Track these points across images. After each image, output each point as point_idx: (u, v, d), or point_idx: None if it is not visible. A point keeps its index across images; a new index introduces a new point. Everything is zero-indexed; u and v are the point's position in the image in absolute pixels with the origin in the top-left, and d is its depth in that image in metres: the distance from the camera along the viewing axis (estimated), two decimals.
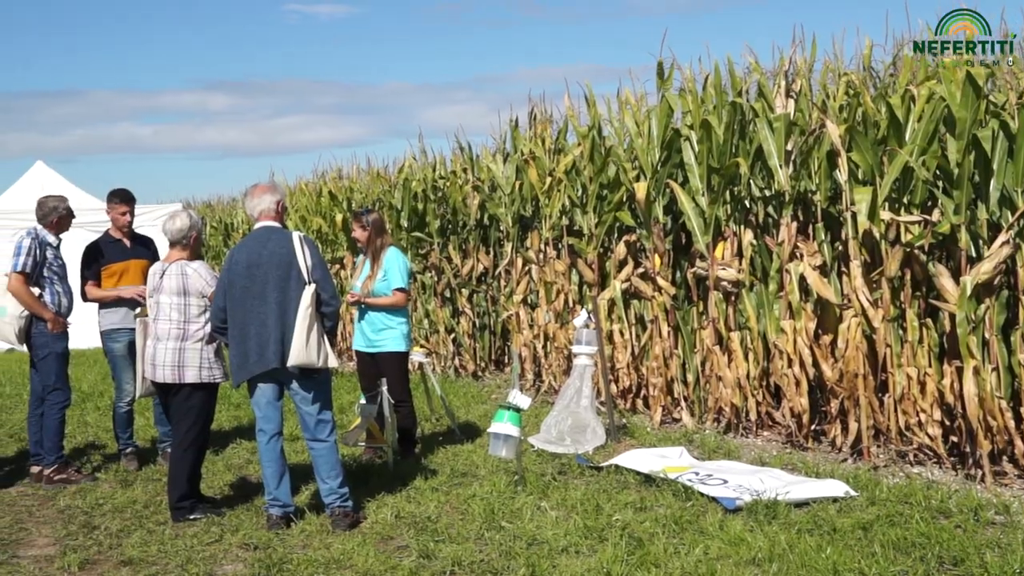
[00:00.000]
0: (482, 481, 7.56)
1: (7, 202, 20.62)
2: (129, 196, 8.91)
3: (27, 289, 7.99)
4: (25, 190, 20.84)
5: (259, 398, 6.75)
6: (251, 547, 6.28)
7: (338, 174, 17.68)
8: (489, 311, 13.64)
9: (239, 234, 21.51)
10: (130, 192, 8.95)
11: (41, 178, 20.97)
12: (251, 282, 6.56)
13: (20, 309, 8.01)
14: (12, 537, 6.78)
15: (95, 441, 9.91)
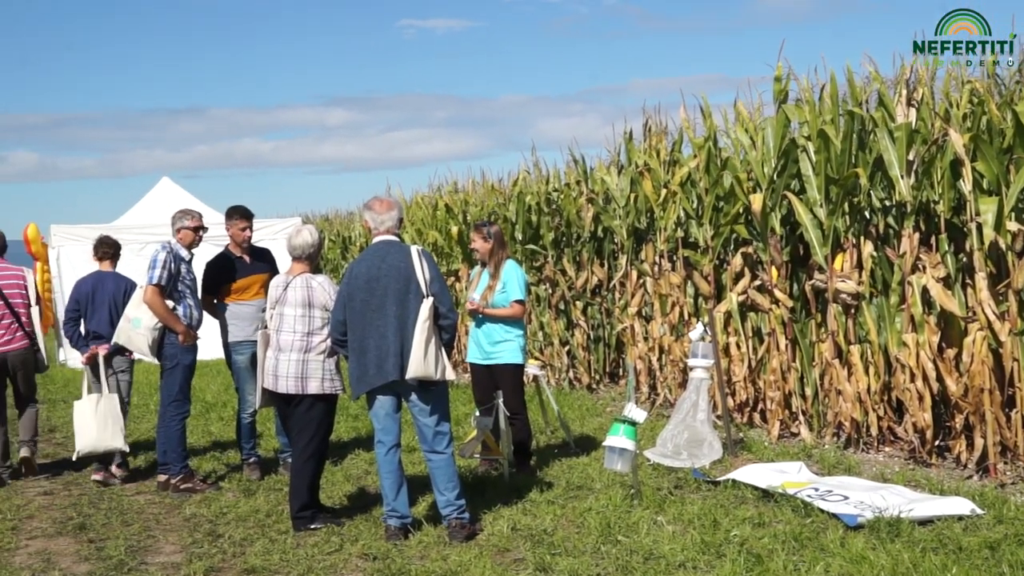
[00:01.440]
0: (598, 494, 7.55)
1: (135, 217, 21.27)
2: (248, 212, 9.11)
3: (162, 301, 8.23)
4: (152, 205, 21.49)
5: (378, 410, 6.84)
6: (370, 557, 6.37)
7: (454, 187, 17.83)
8: (603, 323, 13.60)
9: (356, 247, 21.84)
10: (247, 209, 9.15)
11: (167, 194, 21.58)
12: (370, 295, 6.66)
13: (154, 321, 8.25)
14: (141, 544, 6.98)
15: (219, 451, 10.13)
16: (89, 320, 9.31)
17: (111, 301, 9.24)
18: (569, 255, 13.92)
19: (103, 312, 9.22)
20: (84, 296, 9.38)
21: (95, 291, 9.35)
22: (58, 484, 9.12)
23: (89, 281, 9.50)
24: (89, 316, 9.32)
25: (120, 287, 9.35)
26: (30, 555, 6.83)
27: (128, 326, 8.33)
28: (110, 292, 9.28)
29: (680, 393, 10.51)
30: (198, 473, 8.89)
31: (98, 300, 9.29)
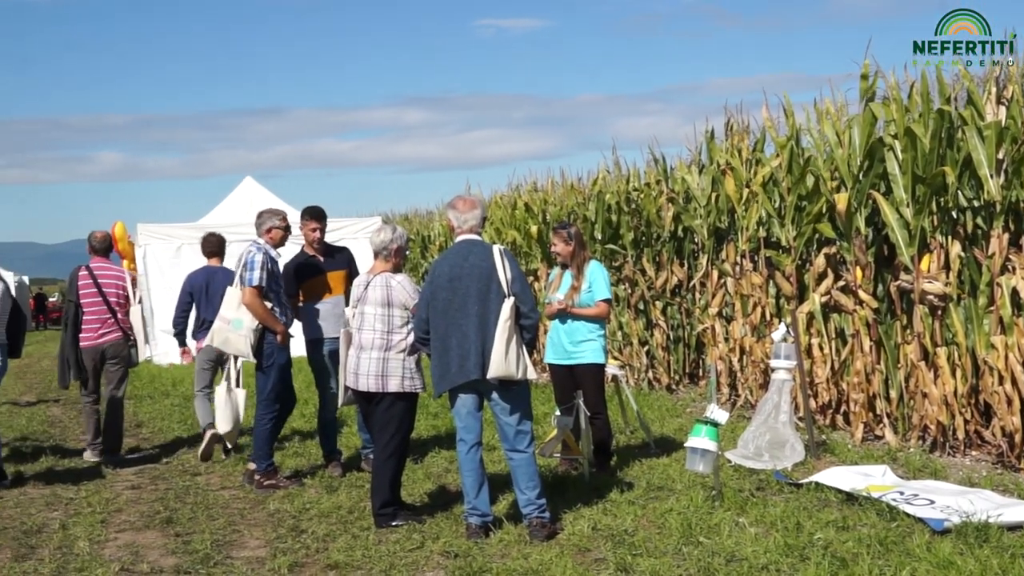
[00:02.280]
0: (679, 495, 7.51)
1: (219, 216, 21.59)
2: (317, 213, 9.18)
3: (262, 303, 8.33)
4: (235, 205, 21.82)
5: (460, 408, 6.87)
6: (451, 555, 6.39)
7: (533, 187, 17.85)
8: (683, 324, 13.53)
9: (436, 246, 21.95)
10: (320, 209, 9.23)
11: (250, 193, 21.90)
12: (453, 294, 6.69)
13: (255, 323, 8.35)
14: (226, 538, 7.08)
15: (301, 448, 10.24)
16: (204, 311, 10.20)
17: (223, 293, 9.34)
18: (649, 255, 13.87)
19: (216, 303, 9.52)
20: (198, 289, 10.31)
21: (208, 284, 10.22)
22: (145, 479, 9.29)
23: (201, 275, 10.43)
24: (203, 307, 10.21)
25: (230, 279, 9.46)
26: (119, 548, 6.96)
27: (227, 328, 8.41)
28: (221, 284, 9.68)
29: (761, 394, 10.41)
30: (282, 470, 8.99)
31: (211, 292, 10.07)
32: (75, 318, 10.12)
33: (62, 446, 11.21)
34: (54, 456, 10.43)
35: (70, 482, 9.10)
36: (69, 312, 10.23)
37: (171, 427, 12.22)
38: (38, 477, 9.32)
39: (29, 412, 14.63)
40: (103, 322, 10.08)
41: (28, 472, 9.56)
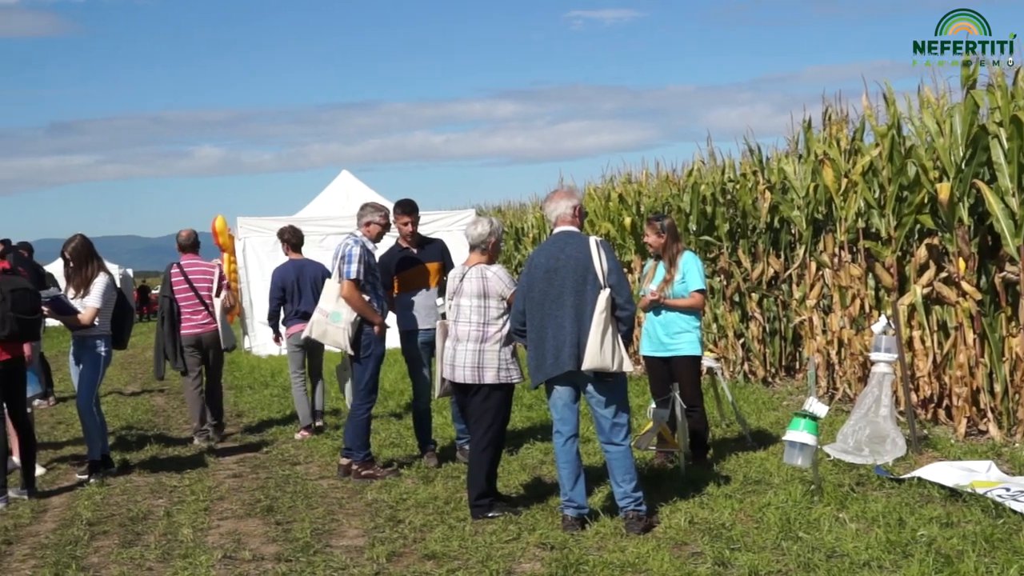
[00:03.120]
0: (776, 489, 7.43)
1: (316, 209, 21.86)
2: (410, 206, 9.24)
3: (360, 296, 8.44)
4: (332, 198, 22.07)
5: (556, 400, 6.87)
6: (548, 547, 6.40)
7: (627, 178, 17.77)
8: (779, 316, 13.37)
9: (529, 239, 21.99)
10: (412, 202, 9.29)
11: (346, 186, 22.12)
12: (549, 286, 6.69)
13: (353, 315, 8.46)
14: (325, 527, 7.18)
15: (397, 439, 10.34)
16: (296, 302, 10.86)
17: (312, 284, 10.72)
18: (744, 246, 13.73)
19: (308, 293, 10.73)
20: (289, 281, 10.93)
21: (299, 276, 10.91)
22: (246, 467, 9.47)
23: (291, 267, 11.06)
24: (295, 298, 10.87)
25: (318, 271, 10.90)
26: (222, 535, 7.11)
27: (325, 320, 8.54)
28: (310, 276, 10.85)
29: (860, 388, 10.25)
30: (378, 460, 9.09)
31: (302, 283, 10.87)
32: (170, 312, 10.81)
33: (166, 435, 11.47)
34: (158, 444, 10.69)
35: (174, 470, 9.32)
36: (164, 307, 10.91)
37: (270, 417, 12.41)
38: (143, 465, 9.56)
39: (134, 401, 14.99)
40: (197, 314, 10.84)
41: (133, 460, 9.82)
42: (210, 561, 6.40)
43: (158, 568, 6.39)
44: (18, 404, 8.50)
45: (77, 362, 9.15)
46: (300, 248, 11.34)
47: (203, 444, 10.68)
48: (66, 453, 10.48)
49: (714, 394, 10.40)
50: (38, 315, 8.40)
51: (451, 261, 9.20)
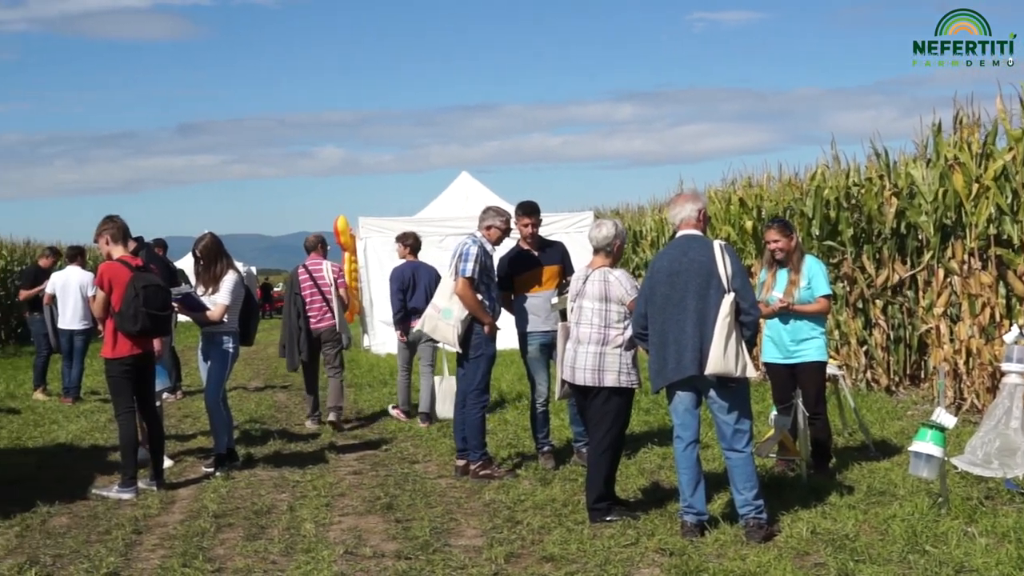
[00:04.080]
0: (902, 501, 7.26)
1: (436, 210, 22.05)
2: (531, 208, 9.26)
3: (473, 294, 8.51)
4: (451, 199, 22.22)
5: (677, 405, 6.82)
6: (667, 552, 6.36)
7: (748, 182, 17.56)
8: (904, 324, 13.07)
9: (647, 241, 21.89)
10: (533, 204, 9.31)
11: (465, 188, 22.26)
12: (671, 289, 6.65)
13: (464, 313, 8.54)
14: (444, 527, 7.24)
15: (514, 440, 10.37)
16: (410, 300, 11.63)
17: (426, 284, 11.48)
18: (869, 252, 13.45)
19: (420, 293, 11.49)
20: (407, 281, 11.76)
21: (415, 276, 11.73)
22: (366, 465, 9.60)
23: (408, 268, 11.88)
24: (410, 297, 11.67)
25: (432, 273, 11.64)
26: (343, 531, 7.21)
27: (437, 315, 8.65)
28: (425, 277, 11.68)
29: (989, 399, 9.97)
30: (496, 460, 9.13)
31: (416, 284, 11.69)
32: (300, 309, 11.74)
33: (288, 431, 11.68)
34: (281, 440, 10.90)
35: (296, 465, 9.49)
36: (294, 304, 11.84)
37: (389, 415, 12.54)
38: (267, 460, 9.75)
39: (257, 397, 15.31)
40: (319, 310, 11.80)
41: (257, 455, 10.03)
42: (332, 556, 6.49)
43: (281, 562, 6.50)
44: (148, 397, 8.75)
45: (205, 358, 9.38)
46: (418, 252, 12.15)
47: (314, 427, 11.78)
48: (193, 446, 10.74)
49: (836, 402, 10.20)
50: (169, 311, 8.63)
51: (571, 265, 9.20)
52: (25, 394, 15.33)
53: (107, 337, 8.46)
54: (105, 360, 8.55)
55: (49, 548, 6.90)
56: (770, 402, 8.84)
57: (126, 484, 8.39)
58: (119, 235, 8.59)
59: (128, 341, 8.36)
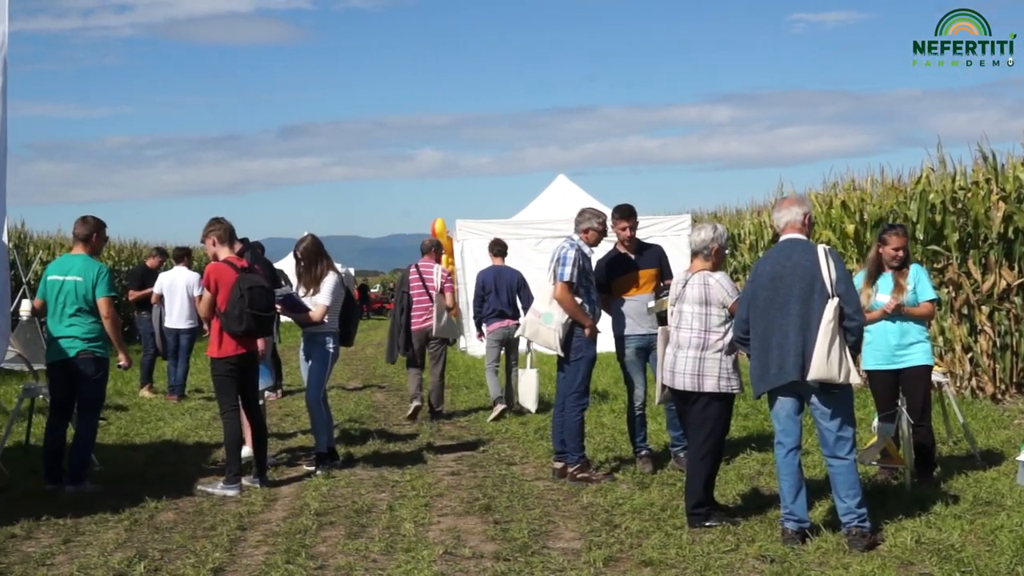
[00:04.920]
0: (1009, 512, 7.10)
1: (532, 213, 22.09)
2: (625, 211, 9.24)
3: (572, 298, 8.53)
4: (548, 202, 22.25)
5: (778, 411, 6.76)
6: (767, 559, 6.30)
7: (851, 184, 17.28)
8: (1011, 330, 12.77)
9: (745, 245, 21.66)
10: (630, 207, 9.29)
11: (563, 190, 22.28)
12: (774, 294, 6.59)
13: (564, 317, 8.56)
14: (542, 529, 7.26)
15: (611, 443, 10.35)
16: (492, 302, 12.68)
17: (508, 287, 12.64)
18: (975, 257, 13.17)
19: (503, 295, 12.63)
20: (488, 284, 12.74)
21: (496, 279, 12.70)
22: (464, 465, 9.67)
23: (490, 272, 12.91)
24: (491, 299, 12.67)
25: (514, 277, 12.77)
26: (442, 531, 7.27)
27: (537, 320, 8.68)
28: (507, 280, 12.71)
29: None
30: (593, 463, 9.13)
31: (499, 286, 12.65)
32: (407, 307, 12.50)
33: (387, 430, 11.82)
34: (380, 440, 11.02)
35: (395, 465, 9.59)
36: (403, 301, 12.57)
37: (485, 416, 12.62)
38: (366, 459, 9.87)
39: (356, 396, 15.51)
40: (426, 310, 12.50)
41: (357, 454, 10.16)
42: (432, 556, 6.55)
43: (382, 560, 6.57)
44: (252, 396, 8.91)
45: (307, 358, 9.53)
46: (504, 256, 13.19)
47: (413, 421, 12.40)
48: (294, 445, 10.92)
49: (940, 410, 10.01)
50: (273, 312, 8.79)
51: (669, 268, 9.17)
52: (132, 391, 15.70)
53: (213, 337, 8.65)
54: (211, 359, 8.75)
55: (157, 543, 7.06)
56: (872, 408, 8.71)
57: (230, 481, 8.56)
58: (226, 236, 8.78)
59: (233, 341, 8.54)
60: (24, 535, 7.24)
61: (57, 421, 8.74)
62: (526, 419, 12.14)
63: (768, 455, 9.03)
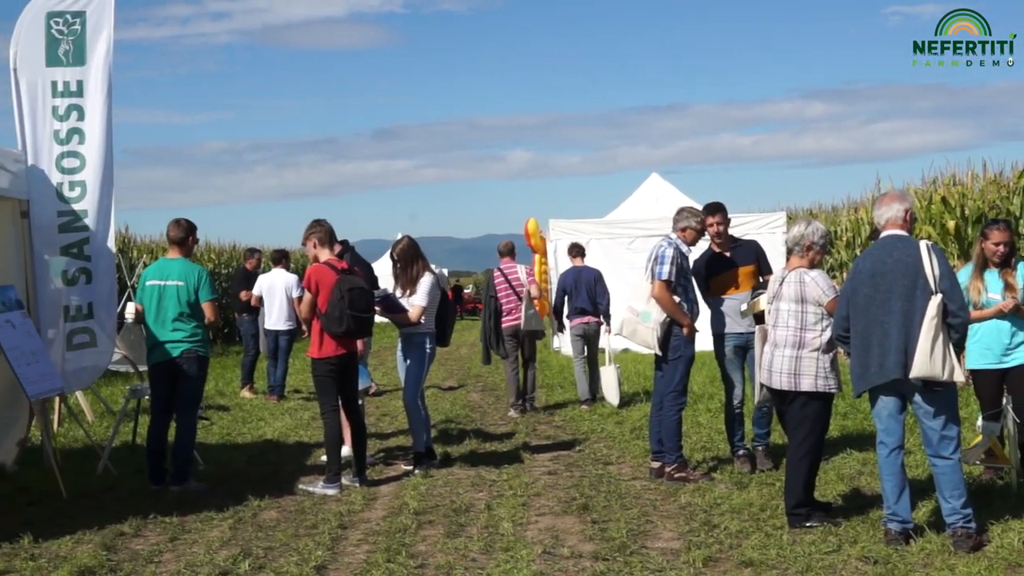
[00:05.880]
0: None
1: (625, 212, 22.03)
2: (714, 207, 9.20)
3: (671, 296, 8.50)
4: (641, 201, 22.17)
5: (880, 410, 6.66)
6: (870, 560, 6.21)
7: (951, 179, 16.96)
8: None
9: (842, 242, 21.36)
10: (716, 203, 9.25)
11: (655, 189, 22.18)
12: (875, 291, 6.50)
13: (663, 316, 8.53)
14: (640, 529, 7.24)
15: (708, 443, 10.29)
16: (575, 300, 13.49)
17: (587, 286, 13.42)
18: None
19: (583, 294, 13.42)
20: (569, 284, 13.65)
21: (576, 279, 13.58)
22: (560, 465, 9.69)
23: (571, 274, 13.82)
24: (573, 298, 13.52)
25: (591, 275, 13.59)
26: (540, 531, 7.29)
27: (635, 319, 8.66)
28: (585, 280, 13.50)
29: None
30: (691, 463, 9.08)
31: (579, 285, 13.48)
32: (495, 309, 13.01)
33: (483, 430, 11.89)
34: (477, 439, 11.10)
35: (492, 465, 9.65)
36: (491, 305, 13.08)
37: (581, 416, 12.63)
38: (463, 459, 9.94)
39: (451, 396, 15.62)
40: (513, 309, 13.02)
41: (454, 453, 10.24)
42: (530, 556, 6.57)
43: (481, 560, 6.61)
44: (351, 396, 9.03)
45: (404, 358, 9.62)
46: (582, 257, 14.13)
47: (517, 416, 12.91)
48: (391, 444, 11.04)
49: None
50: (372, 313, 8.90)
51: (767, 264, 9.11)
52: (233, 392, 16.01)
53: (314, 338, 8.78)
54: (312, 360, 8.88)
55: (260, 540, 7.20)
56: (975, 407, 8.53)
57: (331, 480, 8.68)
58: (326, 238, 8.92)
59: (333, 341, 8.65)
60: (132, 533, 7.43)
61: (159, 422, 8.94)
62: (622, 418, 12.13)
63: (868, 455, 8.91)
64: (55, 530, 7.36)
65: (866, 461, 8.88)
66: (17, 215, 9.17)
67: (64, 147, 9.43)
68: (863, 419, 10.75)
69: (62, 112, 9.43)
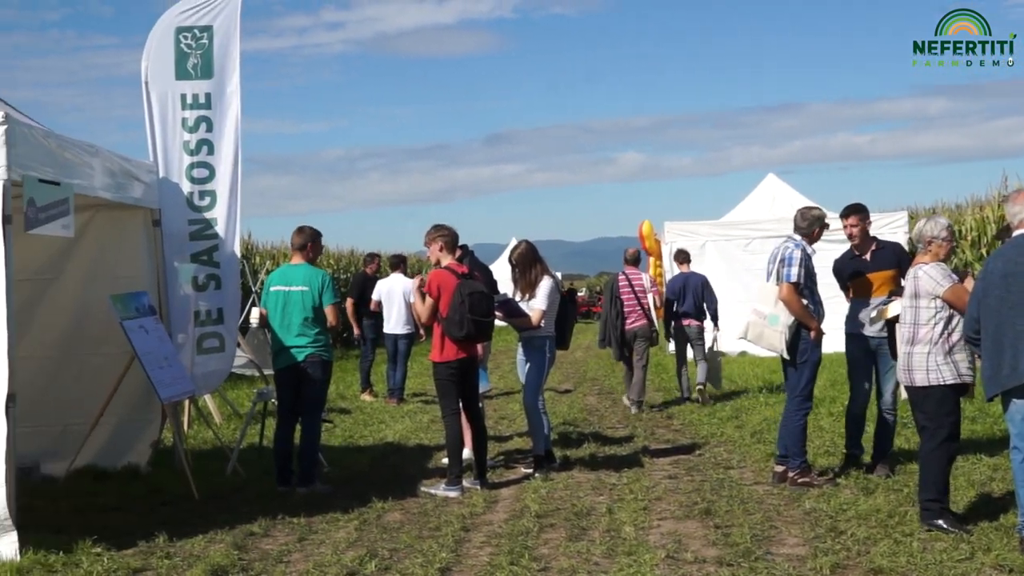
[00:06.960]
0: None
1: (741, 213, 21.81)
2: (849, 209, 9.09)
3: (799, 299, 8.38)
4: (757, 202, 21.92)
5: (1013, 414, 6.47)
6: (1005, 569, 6.07)
7: None
8: None
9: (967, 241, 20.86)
10: (857, 205, 9.13)
11: (772, 190, 21.92)
12: (1007, 292, 6.33)
13: (791, 319, 8.43)
14: (764, 534, 7.16)
15: (831, 447, 10.13)
16: (680, 305, 14.43)
17: (694, 292, 14.37)
18: None
19: (689, 299, 14.38)
20: (676, 291, 14.56)
21: (683, 285, 14.49)
22: (681, 469, 9.64)
23: (679, 279, 14.79)
24: (681, 302, 14.41)
25: (698, 281, 14.56)
26: (662, 535, 7.25)
27: (762, 322, 8.56)
28: (692, 286, 14.44)
29: None
30: (814, 468, 8.95)
31: (686, 291, 14.42)
32: (620, 310, 13.58)
33: (601, 434, 11.88)
34: (595, 443, 11.10)
35: (612, 468, 9.64)
36: (612, 305, 13.63)
37: (700, 420, 12.55)
38: (583, 462, 9.95)
39: (568, 399, 15.64)
40: (634, 312, 13.62)
41: (573, 457, 10.25)
42: (654, 560, 6.54)
43: (604, 563, 6.61)
44: (472, 399, 9.11)
45: (525, 361, 9.67)
46: (688, 263, 15.13)
47: (634, 410, 13.54)
48: (511, 447, 11.10)
49: None
50: (492, 317, 8.96)
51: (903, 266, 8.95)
52: (353, 395, 16.26)
53: (435, 342, 8.87)
54: (433, 363, 8.98)
55: (385, 542, 7.30)
56: None
57: (452, 483, 8.76)
58: (450, 243, 9.00)
59: (454, 345, 8.74)
60: (262, 533, 7.59)
61: (285, 425, 9.12)
62: (741, 422, 12.02)
63: (999, 460, 8.70)
64: (188, 530, 7.55)
65: (997, 467, 8.67)
66: (149, 224, 9.45)
67: (194, 157, 9.68)
68: (992, 423, 10.49)
69: (191, 124, 9.69)
